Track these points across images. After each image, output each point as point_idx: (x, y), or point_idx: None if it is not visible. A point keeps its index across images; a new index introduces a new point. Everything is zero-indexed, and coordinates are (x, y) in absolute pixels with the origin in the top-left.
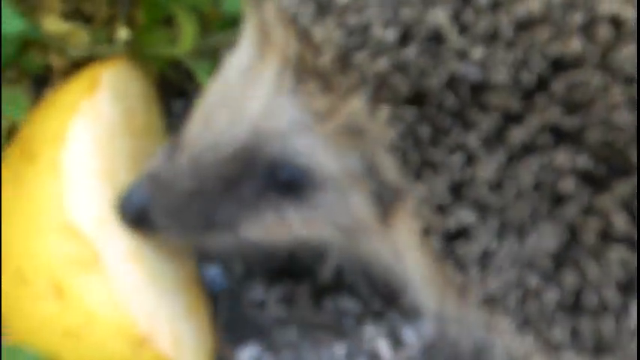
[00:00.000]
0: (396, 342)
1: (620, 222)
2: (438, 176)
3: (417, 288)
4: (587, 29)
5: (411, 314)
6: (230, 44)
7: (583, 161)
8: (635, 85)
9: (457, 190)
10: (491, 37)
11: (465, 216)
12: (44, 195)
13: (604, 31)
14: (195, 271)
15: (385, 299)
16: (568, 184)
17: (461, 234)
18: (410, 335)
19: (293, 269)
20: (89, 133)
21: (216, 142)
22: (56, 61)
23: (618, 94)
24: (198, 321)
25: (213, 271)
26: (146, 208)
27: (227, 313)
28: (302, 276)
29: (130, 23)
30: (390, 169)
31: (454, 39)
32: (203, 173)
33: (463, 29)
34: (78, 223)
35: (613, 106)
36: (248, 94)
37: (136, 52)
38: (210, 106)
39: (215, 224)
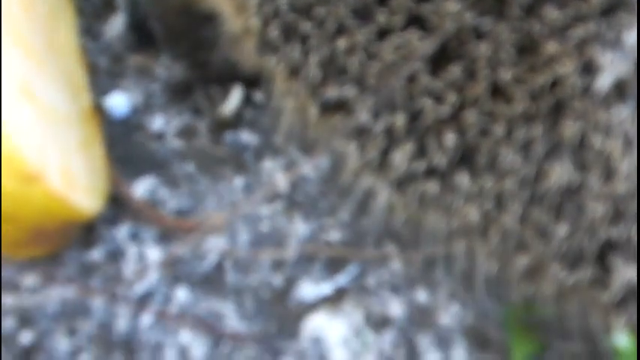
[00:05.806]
0: (294, 176)
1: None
2: (308, 45)
3: None
4: None
5: (309, 149)
6: None
7: (427, 44)
8: None
9: (328, 63)
10: None
11: (341, 90)
12: None
13: None
14: (93, 103)
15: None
16: (416, 65)
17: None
18: (307, 169)
19: (194, 101)
20: None
21: None
22: None
23: None
24: (92, 156)
25: (114, 101)
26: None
27: (124, 145)
28: (202, 109)
29: None
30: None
31: None
32: None
33: None
34: None
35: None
36: None
37: None
38: None
39: None
